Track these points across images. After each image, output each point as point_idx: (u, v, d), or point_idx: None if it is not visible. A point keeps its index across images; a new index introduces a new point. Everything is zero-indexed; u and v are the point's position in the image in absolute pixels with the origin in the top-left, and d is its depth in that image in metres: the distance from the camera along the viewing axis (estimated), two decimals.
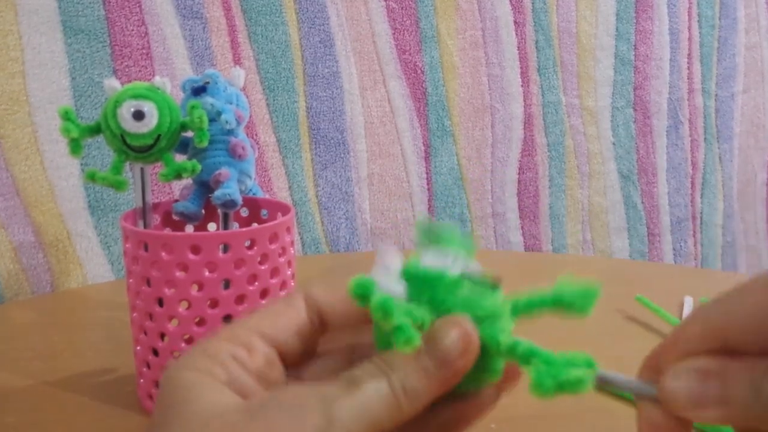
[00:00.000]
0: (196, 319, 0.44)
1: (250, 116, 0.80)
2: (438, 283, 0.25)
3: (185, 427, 0.22)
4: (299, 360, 0.27)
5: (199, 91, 0.49)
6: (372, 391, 0.23)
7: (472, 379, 0.25)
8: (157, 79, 0.46)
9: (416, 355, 0.24)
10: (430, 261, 0.26)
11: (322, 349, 0.28)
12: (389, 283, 0.25)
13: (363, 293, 0.24)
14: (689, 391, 0.22)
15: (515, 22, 0.95)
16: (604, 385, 0.24)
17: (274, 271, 0.45)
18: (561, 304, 0.25)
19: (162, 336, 0.44)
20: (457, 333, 0.24)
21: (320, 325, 0.27)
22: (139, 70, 0.77)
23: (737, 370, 0.21)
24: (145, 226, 0.49)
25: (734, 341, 0.22)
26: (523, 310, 0.26)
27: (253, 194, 0.53)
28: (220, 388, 0.24)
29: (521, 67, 0.96)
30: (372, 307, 0.24)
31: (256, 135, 0.84)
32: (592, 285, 0.25)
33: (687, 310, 0.63)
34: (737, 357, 0.21)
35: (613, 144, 1.03)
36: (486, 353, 0.25)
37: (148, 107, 0.45)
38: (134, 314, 0.46)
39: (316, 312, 0.27)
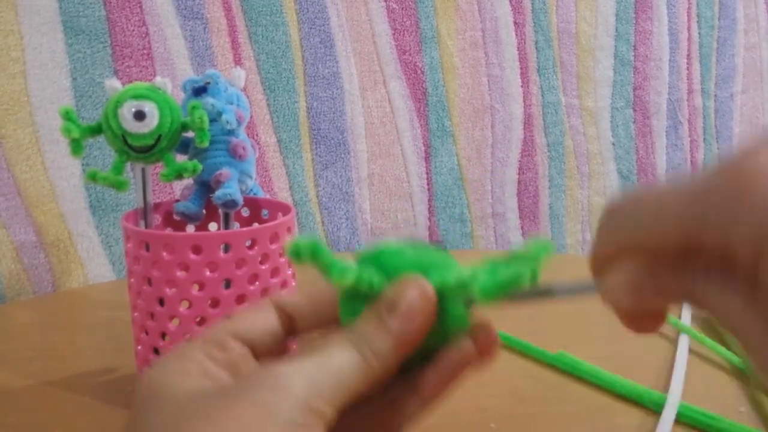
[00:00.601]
0: (197, 319, 0.44)
1: (251, 116, 0.80)
2: (384, 251, 0.27)
3: (160, 414, 0.23)
4: (272, 356, 0.28)
5: (199, 91, 0.49)
6: (343, 359, 0.24)
7: (438, 333, 0.26)
8: (158, 80, 0.46)
9: (378, 319, 0.25)
10: (379, 245, 0.27)
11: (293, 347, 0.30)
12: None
13: (295, 249, 0.25)
14: (628, 287, 0.23)
15: (515, 23, 0.95)
16: (549, 294, 0.25)
17: (275, 271, 0.45)
18: (516, 260, 0.26)
19: (163, 335, 0.45)
20: (415, 288, 0.25)
21: (290, 325, 0.28)
22: (140, 71, 0.77)
23: (667, 276, 0.23)
24: (147, 226, 0.49)
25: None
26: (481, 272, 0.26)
27: (254, 194, 0.53)
28: (198, 380, 0.24)
29: (521, 68, 0.96)
30: (302, 253, 0.25)
31: (256, 135, 0.84)
32: (546, 242, 0.26)
33: (686, 310, 0.63)
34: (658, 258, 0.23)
35: (613, 144, 1.03)
36: (442, 300, 0.25)
37: (149, 107, 0.45)
38: (135, 314, 0.46)
39: (285, 314, 0.28)
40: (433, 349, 0.27)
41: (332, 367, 0.24)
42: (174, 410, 0.23)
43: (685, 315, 0.62)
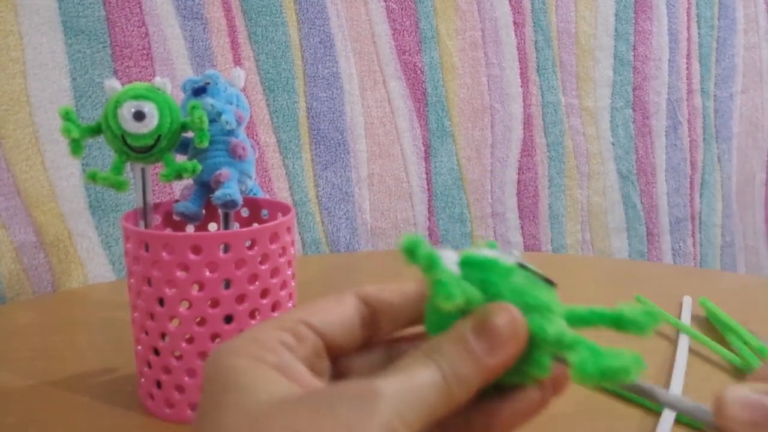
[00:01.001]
0: (197, 319, 0.44)
1: (251, 117, 0.80)
2: (491, 267, 0.25)
3: (243, 415, 0.22)
4: (345, 353, 0.27)
5: (199, 91, 0.49)
6: (426, 380, 0.23)
7: (517, 371, 0.25)
8: (158, 80, 0.46)
9: (464, 341, 0.24)
10: (487, 251, 0.26)
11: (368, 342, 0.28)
12: (445, 263, 0.25)
13: (412, 248, 0.24)
14: (747, 418, 0.22)
15: (514, 23, 0.95)
16: (648, 397, 0.24)
17: (275, 271, 0.45)
18: (622, 321, 0.25)
19: (163, 336, 0.45)
20: (506, 318, 0.24)
21: (371, 319, 0.27)
22: (140, 71, 0.77)
23: None
24: (146, 227, 0.49)
25: None
26: (580, 319, 0.25)
27: (254, 194, 0.53)
28: (274, 374, 0.23)
29: (521, 68, 0.96)
30: (418, 259, 0.23)
31: (256, 135, 0.84)
32: (655, 309, 0.25)
33: (686, 310, 0.63)
34: None
35: (613, 144, 1.03)
36: (533, 344, 0.24)
37: (149, 108, 0.45)
38: (135, 314, 0.46)
39: (370, 307, 0.27)
40: (508, 384, 0.25)
41: (415, 390, 0.23)
42: (258, 411, 0.22)
43: (685, 315, 0.62)
